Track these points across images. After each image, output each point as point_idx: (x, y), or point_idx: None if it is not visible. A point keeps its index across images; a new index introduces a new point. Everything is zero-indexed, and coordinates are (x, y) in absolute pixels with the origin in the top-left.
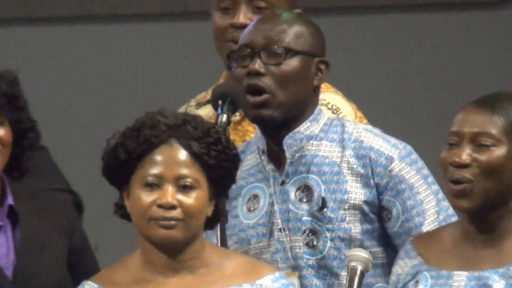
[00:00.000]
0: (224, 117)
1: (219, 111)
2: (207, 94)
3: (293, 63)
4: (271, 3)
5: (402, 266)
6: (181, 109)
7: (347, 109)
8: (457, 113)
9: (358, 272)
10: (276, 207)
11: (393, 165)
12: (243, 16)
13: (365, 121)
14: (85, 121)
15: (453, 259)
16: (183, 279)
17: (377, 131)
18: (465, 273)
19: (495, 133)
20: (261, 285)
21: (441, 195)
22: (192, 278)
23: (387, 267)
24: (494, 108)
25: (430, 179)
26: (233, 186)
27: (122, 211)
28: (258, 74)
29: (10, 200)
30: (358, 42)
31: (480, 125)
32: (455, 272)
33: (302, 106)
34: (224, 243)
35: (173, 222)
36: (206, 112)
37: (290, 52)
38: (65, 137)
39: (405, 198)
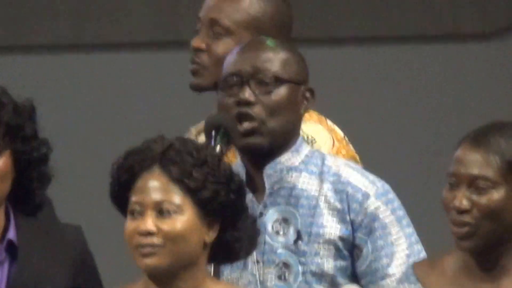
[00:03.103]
0: (217, 148)
1: (212, 142)
2: None
3: (281, 91)
4: (229, 30)
5: None
6: None
7: (324, 139)
8: (455, 149)
9: None
10: None
11: (369, 202)
12: (199, 39)
13: (343, 151)
14: (77, 148)
15: None
16: None
17: (356, 166)
18: None
19: (491, 176)
20: None
21: (414, 238)
22: None
23: None
24: (489, 147)
25: (405, 221)
26: None
27: None
28: (248, 103)
29: (11, 235)
30: (353, 73)
31: (477, 168)
32: None
33: (289, 135)
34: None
35: (151, 249)
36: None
37: (278, 80)
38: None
39: (377, 237)
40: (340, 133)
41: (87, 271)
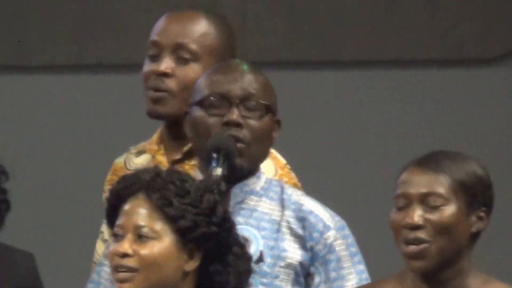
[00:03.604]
0: (219, 171)
1: (214, 164)
2: (149, 144)
3: (266, 118)
4: (196, 54)
5: None
6: (122, 157)
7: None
8: (399, 174)
9: None
10: None
11: (329, 233)
12: (164, 64)
13: (285, 178)
14: (79, 169)
15: None
16: None
17: (313, 199)
18: None
19: (443, 192)
20: None
21: (365, 275)
22: None
23: None
24: (438, 168)
25: (357, 258)
26: None
27: None
28: (237, 124)
29: None
30: (356, 97)
31: (427, 186)
32: None
33: (262, 161)
34: None
35: (127, 274)
36: (141, 161)
37: (266, 107)
38: (61, 186)
39: (330, 269)
40: (282, 160)
41: None
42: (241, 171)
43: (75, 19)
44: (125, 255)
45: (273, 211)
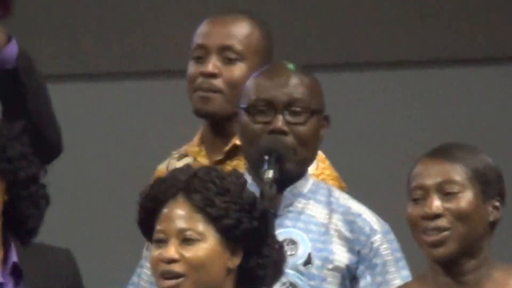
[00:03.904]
0: (271, 173)
1: (266, 166)
2: (190, 147)
3: (312, 122)
4: (241, 55)
5: None
6: (165, 162)
7: None
8: (414, 167)
9: None
10: None
11: (375, 237)
12: (212, 65)
13: (327, 171)
14: (123, 175)
15: None
16: None
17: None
18: None
19: (459, 179)
20: None
21: (409, 280)
22: None
23: None
24: (452, 157)
25: (402, 263)
26: None
27: None
28: (282, 132)
29: (14, 257)
30: (384, 97)
31: (443, 174)
32: None
33: (311, 164)
34: None
35: (174, 281)
36: (183, 164)
37: (311, 111)
38: (108, 193)
39: (376, 273)
40: (321, 154)
41: None
42: (291, 175)
43: (122, 26)
44: (171, 261)
45: (320, 214)
